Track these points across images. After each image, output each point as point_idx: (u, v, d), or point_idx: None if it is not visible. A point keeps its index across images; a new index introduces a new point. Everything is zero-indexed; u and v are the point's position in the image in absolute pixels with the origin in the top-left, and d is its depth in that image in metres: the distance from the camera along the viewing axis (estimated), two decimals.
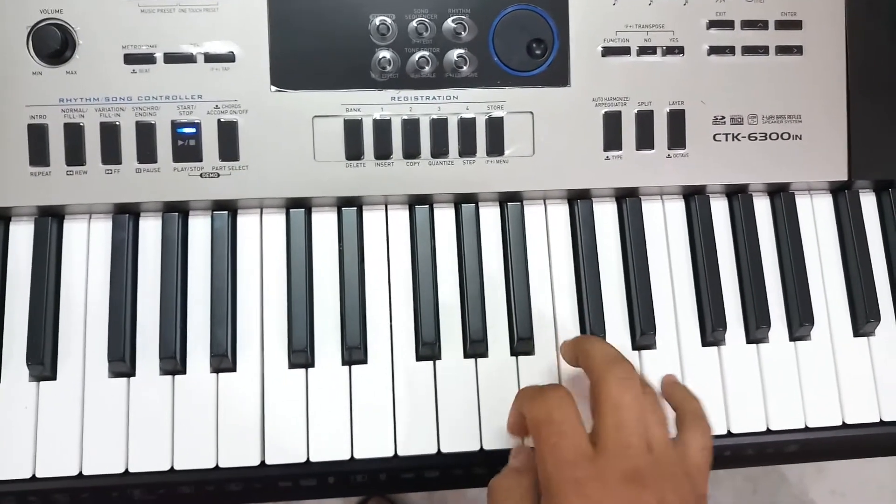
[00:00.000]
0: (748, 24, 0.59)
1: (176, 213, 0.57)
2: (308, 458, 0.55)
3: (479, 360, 0.57)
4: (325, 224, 0.58)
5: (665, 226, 0.60)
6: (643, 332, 0.57)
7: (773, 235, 0.61)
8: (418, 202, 0.59)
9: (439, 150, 0.57)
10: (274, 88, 0.56)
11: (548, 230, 0.60)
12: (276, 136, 0.56)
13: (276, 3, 0.56)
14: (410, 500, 1.45)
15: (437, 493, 1.49)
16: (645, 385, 0.48)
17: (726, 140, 0.59)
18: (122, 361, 0.54)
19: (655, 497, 0.43)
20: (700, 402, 0.51)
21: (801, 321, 0.59)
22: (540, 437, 0.46)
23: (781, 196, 0.61)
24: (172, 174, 0.55)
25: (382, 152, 0.57)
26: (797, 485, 1.49)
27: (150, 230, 0.57)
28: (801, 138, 0.60)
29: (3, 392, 0.54)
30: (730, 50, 0.59)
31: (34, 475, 0.53)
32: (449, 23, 0.57)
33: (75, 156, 0.55)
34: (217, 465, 0.54)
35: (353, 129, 0.56)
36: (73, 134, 0.55)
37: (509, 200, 0.59)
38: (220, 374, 0.55)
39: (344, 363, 0.56)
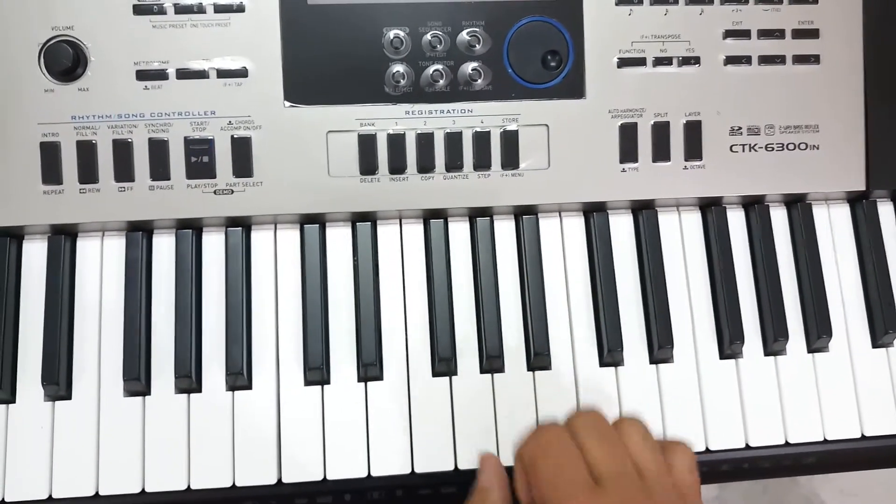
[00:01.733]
0: (764, 34, 0.58)
1: (190, 229, 0.56)
2: (325, 476, 0.55)
3: (495, 375, 0.57)
4: (339, 239, 0.58)
5: (682, 238, 0.60)
6: (660, 345, 0.57)
7: (790, 246, 0.61)
8: (433, 216, 0.58)
9: (454, 164, 0.56)
10: (287, 104, 0.55)
11: (563, 243, 0.59)
12: (290, 151, 0.55)
13: (289, 17, 0.55)
14: None
15: None
16: (632, 420, 0.47)
17: (743, 151, 0.58)
18: (137, 380, 0.54)
19: None
20: None
21: (818, 333, 0.58)
22: (537, 474, 0.44)
23: (798, 206, 0.60)
24: (186, 191, 0.55)
25: (397, 167, 0.56)
26: (806, 485, 1.48)
27: (164, 247, 0.57)
28: (818, 148, 0.59)
29: (18, 412, 0.54)
30: (746, 60, 0.58)
31: (51, 496, 0.53)
32: (463, 35, 0.56)
33: (88, 174, 0.54)
34: (234, 484, 0.54)
35: (367, 144, 0.56)
36: (86, 152, 0.54)
37: (524, 213, 0.59)
38: (236, 392, 0.55)
39: (360, 380, 0.56)
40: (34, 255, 0.56)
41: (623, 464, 0.44)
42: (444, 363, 0.56)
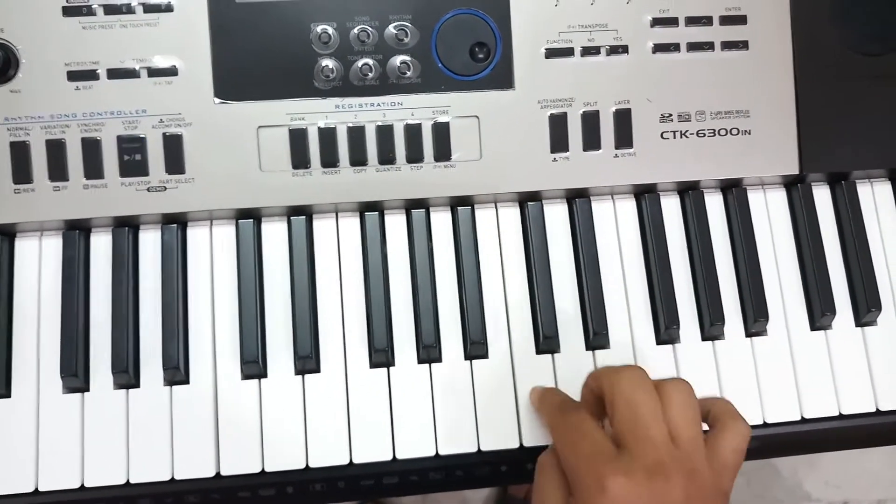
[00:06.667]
0: (692, 21, 0.59)
1: (126, 227, 0.57)
2: (263, 469, 0.55)
3: (432, 364, 0.57)
4: (274, 234, 0.58)
5: (616, 226, 0.60)
6: (595, 332, 0.57)
7: (726, 232, 0.61)
8: (369, 209, 0.59)
9: (386, 157, 0.57)
10: (218, 100, 0.56)
11: (499, 233, 0.60)
12: (222, 147, 0.56)
13: (217, 15, 0.56)
14: (403, 503, 1.45)
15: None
16: (678, 383, 0.50)
17: (674, 138, 0.59)
18: (74, 377, 0.54)
19: (681, 489, 0.44)
20: (732, 403, 0.53)
21: (756, 317, 0.59)
22: (559, 440, 0.48)
23: (734, 192, 0.61)
24: (120, 189, 0.56)
25: (329, 160, 0.57)
26: (791, 478, 1.48)
27: (102, 246, 0.57)
28: (750, 133, 0.59)
29: None
30: (674, 47, 0.58)
31: None
32: (391, 29, 0.57)
33: (22, 174, 0.55)
34: (173, 478, 0.55)
35: (298, 139, 0.56)
36: (19, 152, 0.55)
37: (460, 205, 0.59)
38: (174, 387, 0.56)
39: (297, 373, 0.56)
40: None
41: (650, 427, 0.46)
42: (380, 354, 0.56)
